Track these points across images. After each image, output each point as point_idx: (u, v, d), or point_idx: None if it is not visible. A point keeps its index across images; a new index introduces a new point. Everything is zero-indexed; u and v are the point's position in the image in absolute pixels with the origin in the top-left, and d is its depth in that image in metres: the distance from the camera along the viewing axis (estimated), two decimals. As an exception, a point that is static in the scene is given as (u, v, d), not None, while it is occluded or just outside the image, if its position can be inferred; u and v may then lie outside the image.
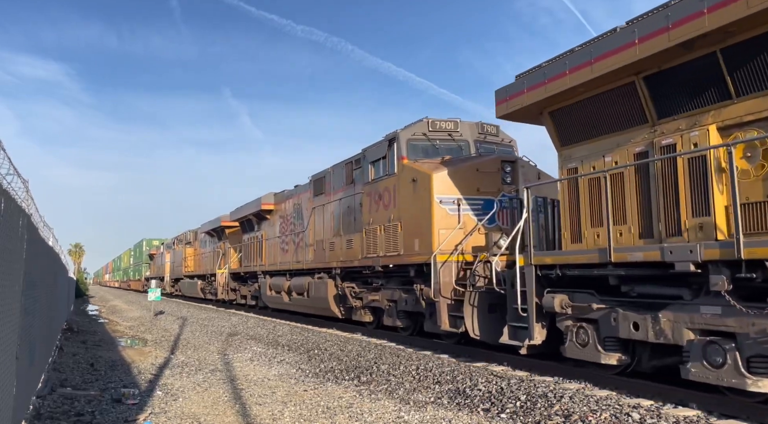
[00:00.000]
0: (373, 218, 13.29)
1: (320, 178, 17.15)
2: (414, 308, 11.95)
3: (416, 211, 11.67)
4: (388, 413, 6.94)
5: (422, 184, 11.54)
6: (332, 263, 15.48)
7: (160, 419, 6.91)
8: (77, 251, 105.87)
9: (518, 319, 8.85)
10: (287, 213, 20.15)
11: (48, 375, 9.55)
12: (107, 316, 27.57)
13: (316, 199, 17.31)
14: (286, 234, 19.86)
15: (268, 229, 22.22)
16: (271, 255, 21.40)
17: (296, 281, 18.07)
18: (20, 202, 5.45)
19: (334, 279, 15.43)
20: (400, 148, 12.43)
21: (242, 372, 10.18)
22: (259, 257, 22.80)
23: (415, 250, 11.66)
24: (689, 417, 5.93)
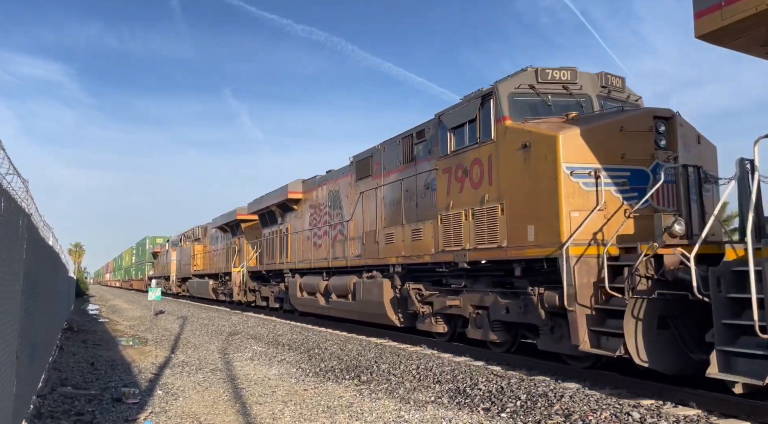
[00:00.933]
0: (455, 201, 10.47)
1: (365, 159, 14.55)
2: (521, 317, 9.14)
3: (530, 187, 8.70)
4: (388, 413, 6.95)
5: (541, 151, 8.55)
6: (389, 258, 12.68)
7: (160, 419, 6.91)
8: (77, 250, 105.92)
9: (741, 342, 5.97)
10: (319, 202, 17.52)
11: (48, 374, 9.56)
12: (107, 315, 27.59)
13: (360, 183, 14.72)
14: (319, 226, 17.29)
15: (294, 221, 19.64)
16: (298, 251, 18.89)
17: (337, 280, 15.28)
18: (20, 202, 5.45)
19: (392, 279, 12.72)
20: (500, 105, 9.50)
21: (242, 371, 10.19)
22: (283, 253, 20.21)
23: (528, 240, 8.70)
24: (689, 416, 5.93)
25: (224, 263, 28.46)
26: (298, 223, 19.29)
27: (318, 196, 17.75)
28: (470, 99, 10.39)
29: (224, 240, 29.35)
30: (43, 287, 8.73)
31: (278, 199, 20.01)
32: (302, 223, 18.87)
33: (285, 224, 20.43)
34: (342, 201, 15.96)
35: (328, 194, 16.99)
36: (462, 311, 10.63)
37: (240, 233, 26.36)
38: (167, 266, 44.24)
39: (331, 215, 16.62)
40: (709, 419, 5.88)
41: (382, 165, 13.76)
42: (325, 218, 17.05)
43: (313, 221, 18.01)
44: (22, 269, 5.35)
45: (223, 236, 29.62)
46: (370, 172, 14.30)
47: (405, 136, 12.87)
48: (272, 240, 21.58)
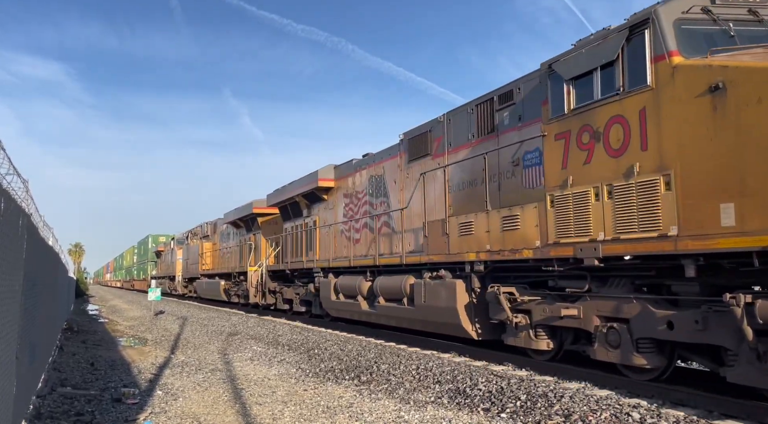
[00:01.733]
0: (576, 176, 7.94)
1: (421, 135, 12.26)
2: (697, 336, 6.54)
3: (726, 147, 6.13)
4: (388, 413, 6.94)
5: (747, 92, 6.00)
6: (465, 254, 10.08)
7: (160, 419, 6.91)
8: (77, 250, 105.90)
9: None
10: (357, 190, 15.23)
11: (48, 375, 9.55)
12: (107, 315, 27.58)
13: (414, 164, 12.50)
14: (357, 217, 15.07)
15: (324, 213, 17.25)
16: (329, 247, 16.54)
17: (386, 281, 12.73)
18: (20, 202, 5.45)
19: (467, 280, 10.19)
20: (662, 37, 6.99)
21: (242, 372, 10.19)
22: (310, 249, 17.84)
23: (721, 225, 6.12)
24: (689, 417, 5.93)
25: (238, 262, 26.36)
26: (328, 215, 16.92)
27: (355, 183, 15.40)
28: (605, 35, 7.72)
29: (237, 236, 27.12)
30: (43, 287, 8.73)
31: (305, 189, 17.54)
32: (334, 214, 16.52)
33: (312, 216, 18.07)
34: (388, 187, 13.64)
35: (368, 180, 14.65)
36: (582, 323, 8.01)
37: (256, 229, 24.09)
38: (172, 265, 41.87)
39: (373, 205, 14.34)
40: (708, 420, 5.88)
41: (446, 141, 11.42)
42: (364, 208, 14.78)
43: (348, 211, 15.67)
44: (22, 269, 5.35)
45: (236, 232, 27.47)
46: (428, 150, 11.95)
47: (481, 102, 10.50)
48: (297, 235, 19.10)
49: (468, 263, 10.03)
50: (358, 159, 15.59)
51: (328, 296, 15.68)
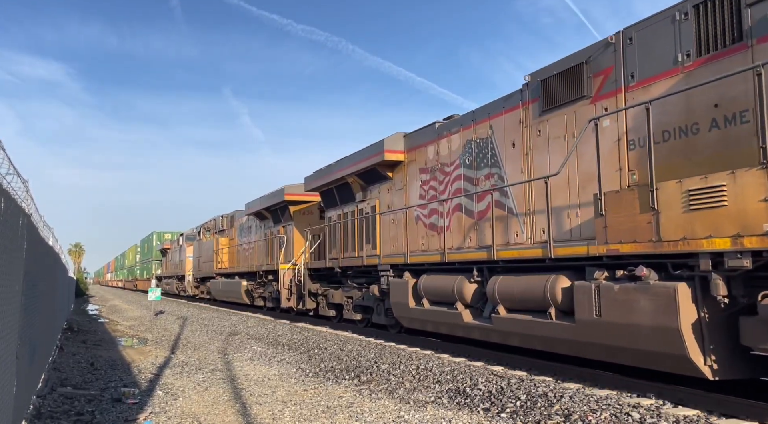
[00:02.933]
0: None
1: (568, 71, 8.66)
2: None
3: None
4: (388, 413, 6.95)
5: None
6: (703, 241, 6.21)
7: (160, 419, 6.91)
8: (77, 250, 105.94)
9: None
10: (442, 161, 11.70)
11: (48, 374, 9.56)
12: (107, 315, 27.59)
13: (551, 116, 9.03)
14: (444, 196, 11.48)
15: (387, 195, 13.81)
16: (397, 238, 13.09)
17: (513, 283, 9.10)
18: (20, 202, 5.45)
19: (697, 285, 6.46)
20: None
21: (242, 372, 10.19)
22: (367, 241, 14.37)
23: None
24: (689, 417, 5.93)
25: (263, 259, 22.81)
26: (395, 197, 13.47)
27: (439, 153, 11.88)
28: None
29: (262, 229, 23.58)
30: (43, 287, 8.73)
31: (362, 165, 14.08)
32: (404, 196, 13.08)
33: (369, 200, 14.62)
34: (501, 153, 10.12)
35: (463, 147, 11.14)
36: None
37: (287, 220, 20.62)
38: (180, 264, 38.37)
39: (472, 179, 10.84)
40: (708, 420, 5.88)
41: (621, 72, 7.88)
42: (456, 184, 11.25)
43: (428, 190, 12.18)
44: (22, 269, 5.36)
45: (259, 224, 23.94)
46: (582, 90, 8.43)
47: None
48: (347, 225, 15.49)
49: (705, 255, 6.23)
50: (442, 122, 11.98)
51: (402, 302, 12.04)
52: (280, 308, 20.61)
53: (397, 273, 12.86)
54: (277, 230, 21.56)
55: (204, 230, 32.73)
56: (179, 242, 39.73)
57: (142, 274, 60.23)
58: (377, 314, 14.03)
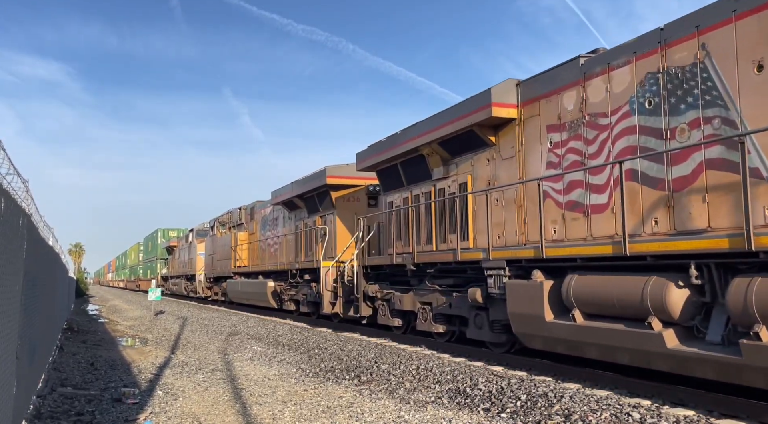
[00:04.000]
0: None
1: None
2: None
3: None
4: (388, 413, 6.95)
5: None
6: None
7: (160, 419, 6.92)
8: (77, 250, 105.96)
9: None
10: (599, 110, 8.29)
11: (48, 375, 9.56)
12: (107, 315, 27.59)
13: None
14: (600, 159, 8.26)
15: (484, 168, 10.54)
16: (510, 224, 9.86)
17: None
18: (20, 202, 5.45)
19: None
20: None
21: (242, 372, 10.19)
22: (452, 231, 11.07)
23: None
24: (689, 417, 5.93)
25: (294, 255, 19.60)
26: (502, 168, 10.11)
27: (585, 101, 8.54)
28: None
29: (293, 221, 20.37)
30: (43, 287, 8.74)
31: (448, 130, 10.90)
32: (518, 166, 9.74)
33: (456, 175, 11.27)
34: (728, 83, 6.65)
35: (640, 84, 7.72)
36: None
37: (328, 208, 17.35)
38: (190, 262, 35.14)
39: (660, 130, 7.42)
40: (708, 420, 5.88)
41: None
42: (623, 141, 7.93)
43: (566, 154, 8.87)
44: (22, 269, 5.36)
45: (289, 215, 20.74)
46: None
47: None
48: (420, 209, 12.24)
49: None
50: (592, 56, 8.65)
51: (532, 314, 8.50)
52: (319, 313, 17.13)
53: (515, 272, 9.26)
54: (312, 221, 18.36)
55: (218, 225, 29.30)
56: (188, 239, 36.46)
57: (145, 274, 56.99)
58: (475, 326, 10.31)
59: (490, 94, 9.86)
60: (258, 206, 24.56)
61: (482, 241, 10.25)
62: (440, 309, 11.43)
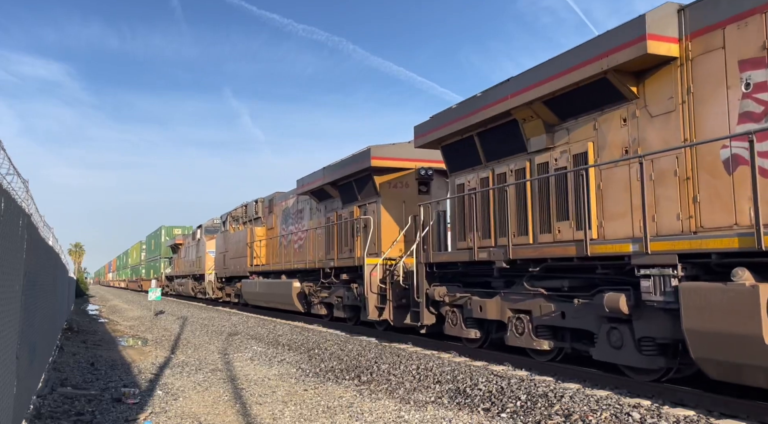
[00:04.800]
0: None
1: None
2: None
3: None
4: (388, 413, 6.95)
5: None
6: None
7: (160, 419, 6.92)
8: (77, 250, 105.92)
9: None
10: None
11: (48, 375, 9.56)
12: (107, 315, 27.59)
13: None
14: None
15: (617, 131, 7.97)
16: (667, 204, 7.24)
17: None
18: (20, 202, 5.45)
19: None
20: None
21: (242, 372, 10.19)
22: (566, 216, 8.64)
23: None
24: (689, 417, 5.93)
25: (324, 252, 17.11)
26: (648, 129, 7.61)
27: None
28: None
29: (322, 212, 17.83)
30: (43, 287, 8.74)
31: (561, 84, 8.32)
32: (679, 123, 7.22)
33: (568, 143, 8.73)
34: None
35: None
36: None
37: (370, 196, 14.85)
38: (198, 261, 32.87)
39: None
40: (708, 420, 5.88)
41: None
42: None
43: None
44: (22, 269, 5.36)
45: (318, 206, 18.17)
46: None
47: None
48: (508, 191, 9.59)
49: None
50: None
51: (743, 333, 5.81)
52: (359, 319, 15.14)
53: (690, 272, 6.64)
54: (349, 212, 15.86)
55: (231, 220, 26.66)
56: (196, 236, 34.21)
57: (148, 273, 54.61)
58: (609, 345, 7.67)
59: (645, 22, 7.11)
60: (278, 198, 22.02)
61: (616, 229, 7.76)
62: (546, 319, 8.74)
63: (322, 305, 17.40)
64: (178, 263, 39.95)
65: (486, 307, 9.98)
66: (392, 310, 12.97)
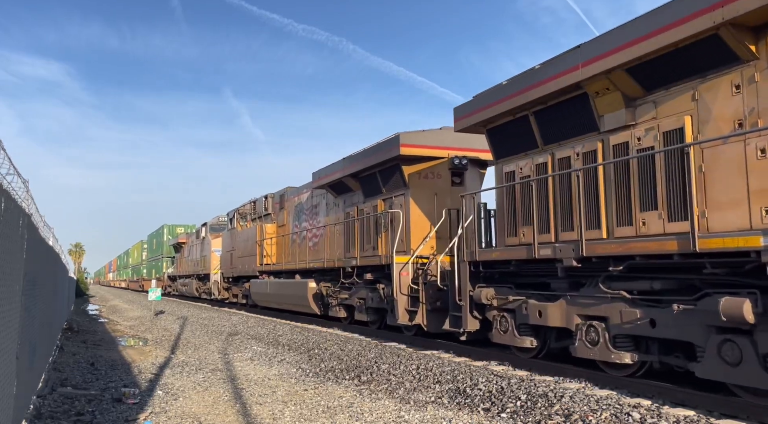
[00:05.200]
0: None
1: None
2: None
3: None
4: (388, 413, 6.95)
5: None
6: None
7: (160, 419, 6.92)
8: (77, 250, 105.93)
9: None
10: None
11: (48, 375, 9.56)
12: (107, 315, 27.60)
13: None
14: None
15: (733, 102, 6.45)
16: None
17: None
18: (20, 202, 5.45)
19: None
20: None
21: (242, 372, 10.19)
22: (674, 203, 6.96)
23: None
24: (689, 417, 5.93)
25: (343, 249, 15.68)
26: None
27: None
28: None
29: (340, 208, 16.41)
30: (43, 288, 8.74)
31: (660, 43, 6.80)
32: None
33: (654, 120, 7.38)
34: None
35: None
36: None
37: (397, 188, 13.45)
38: (202, 260, 31.58)
39: None
40: (708, 420, 5.88)
41: None
42: None
43: None
44: (22, 270, 5.36)
45: (334, 201, 16.73)
46: None
47: None
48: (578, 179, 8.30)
49: None
50: None
51: None
52: (384, 323, 13.84)
53: None
54: (372, 206, 14.47)
55: (239, 217, 25.38)
56: (201, 234, 32.71)
57: (149, 273, 53.13)
58: (722, 360, 6.22)
59: None
60: (289, 193, 20.61)
61: (725, 219, 6.40)
62: (629, 328, 7.39)
63: (341, 307, 15.78)
64: (181, 262, 38.44)
65: (547, 312, 8.60)
66: (425, 314, 11.69)
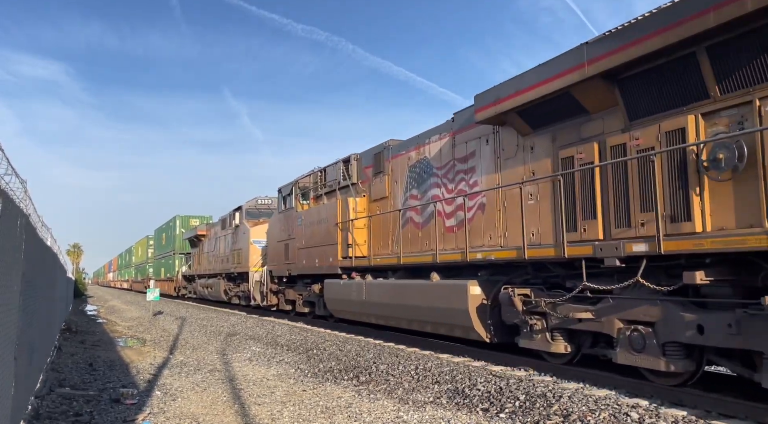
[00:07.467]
0: None
1: None
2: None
3: None
4: (387, 413, 6.94)
5: None
6: None
7: (158, 419, 6.91)
8: (76, 251, 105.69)
9: None
10: None
11: (46, 375, 9.55)
12: (106, 316, 27.56)
13: None
14: None
15: None
16: None
17: None
18: (18, 202, 5.44)
19: None
20: None
21: (241, 372, 10.18)
22: None
23: None
24: (687, 417, 5.94)
25: (561, 223, 8.12)
26: None
27: None
28: None
29: (528, 154, 9.24)
30: (42, 288, 8.73)
31: None
32: None
33: None
34: None
35: None
36: None
37: None
38: (235, 255, 24.66)
39: None
40: (707, 420, 5.88)
41: None
42: None
43: None
44: (21, 270, 5.35)
45: (521, 144, 9.38)
46: None
47: None
48: None
49: None
50: None
51: None
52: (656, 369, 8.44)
53: None
54: (650, 132, 7.12)
55: (298, 193, 17.91)
56: (232, 222, 25.72)
57: (157, 272, 45.27)
58: None
59: None
60: (394, 149, 13.50)
61: None
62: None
63: (559, 336, 8.61)
64: (200, 259, 31.75)
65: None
66: None
